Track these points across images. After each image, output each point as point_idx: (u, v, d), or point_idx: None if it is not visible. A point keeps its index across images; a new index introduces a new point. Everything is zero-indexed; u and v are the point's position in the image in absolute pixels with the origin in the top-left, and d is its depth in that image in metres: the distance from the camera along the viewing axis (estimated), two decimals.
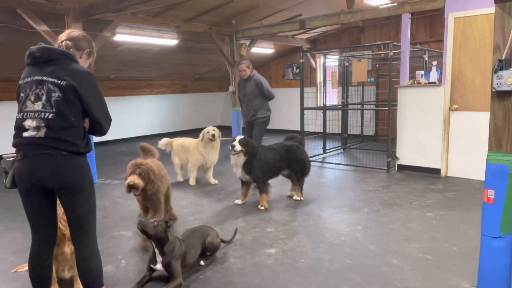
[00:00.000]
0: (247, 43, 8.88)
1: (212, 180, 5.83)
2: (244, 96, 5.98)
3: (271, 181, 4.76)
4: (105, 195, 5.28)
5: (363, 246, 3.44)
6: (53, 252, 2.40)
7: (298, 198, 4.85)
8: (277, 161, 4.69)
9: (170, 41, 8.23)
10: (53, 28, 5.65)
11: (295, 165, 4.81)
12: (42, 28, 5.50)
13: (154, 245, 2.82)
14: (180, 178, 5.98)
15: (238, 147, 4.40)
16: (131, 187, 3.30)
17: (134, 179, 3.29)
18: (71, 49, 2.31)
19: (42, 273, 2.34)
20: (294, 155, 4.78)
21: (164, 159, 4.55)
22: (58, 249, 2.62)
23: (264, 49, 10.47)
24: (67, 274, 2.83)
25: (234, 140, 4.49)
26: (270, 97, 5.89)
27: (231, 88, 8.69)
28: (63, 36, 2.36)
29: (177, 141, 5.97)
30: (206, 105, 12.86)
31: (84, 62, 2.42)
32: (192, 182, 5.74)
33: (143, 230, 2.75)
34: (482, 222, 2.17)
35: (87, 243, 2.30)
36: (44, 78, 2.16)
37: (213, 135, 5.48)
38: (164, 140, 5.94)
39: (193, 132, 12.08)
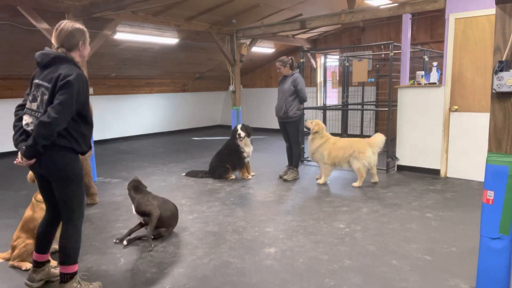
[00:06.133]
0: (248, 43, 8.87)
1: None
2: (281, 92, 5.96)
3: None
4: (104, 193, 5.28)
5: (362, 246, 3.44)
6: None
7: None
8: None
9: (170, 40, 8.23)
10: (53, 26, 5.55)
11: None
12: (43, 26, 5.50)
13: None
14: (376, 179, 5.65)
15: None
16: None
17: None
18: (67, 54, 2.53)
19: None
20: None
21: None
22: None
23: (264, 49, 10.47)
24: None
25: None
26: (302, 98, 5.85)
27: (231, 88, 8.67)
28: (55, 42, 2.57)
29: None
30: (206, 105, 12.85)
31: (84, 52, 2.66)
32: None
33: None
34: (481, 223, 2.16)
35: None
36: (39, 81, 2.50)
37: None
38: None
39: (193, 132, 12.10)
